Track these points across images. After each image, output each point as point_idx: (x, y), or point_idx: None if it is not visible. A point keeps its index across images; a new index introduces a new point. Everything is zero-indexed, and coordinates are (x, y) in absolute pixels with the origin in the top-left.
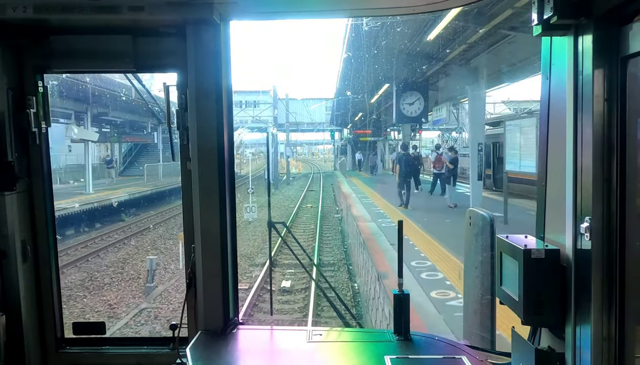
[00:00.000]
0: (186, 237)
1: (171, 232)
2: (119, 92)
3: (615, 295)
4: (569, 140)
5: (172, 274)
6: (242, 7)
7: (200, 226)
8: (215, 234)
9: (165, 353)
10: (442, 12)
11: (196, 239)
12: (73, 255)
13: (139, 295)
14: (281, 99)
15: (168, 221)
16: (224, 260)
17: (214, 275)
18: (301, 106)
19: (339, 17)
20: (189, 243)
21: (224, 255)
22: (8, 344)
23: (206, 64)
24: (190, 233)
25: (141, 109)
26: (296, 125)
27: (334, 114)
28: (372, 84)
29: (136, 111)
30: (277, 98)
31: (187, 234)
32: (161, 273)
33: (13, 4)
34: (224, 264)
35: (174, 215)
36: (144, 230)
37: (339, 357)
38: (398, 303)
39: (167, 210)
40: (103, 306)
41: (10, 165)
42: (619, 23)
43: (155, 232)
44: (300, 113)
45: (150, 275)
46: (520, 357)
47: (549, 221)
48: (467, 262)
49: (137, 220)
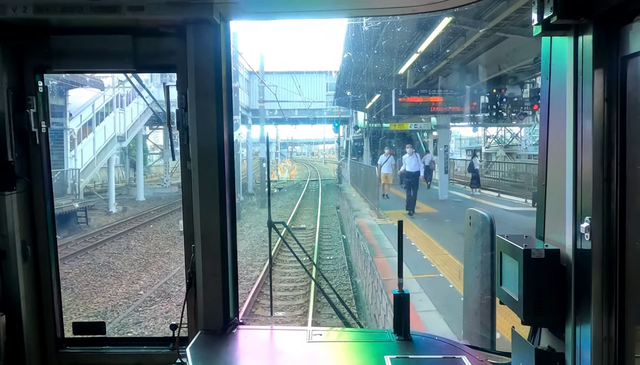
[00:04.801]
0: (186, 237)
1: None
2: None
3: (615, 295)
4: (569, 140)
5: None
6: (242, 7)
7: (200, 226)
8: (215, 234)
9: (165, 353)
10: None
11: (196, 239)
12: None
13: None
14: (254, 73)
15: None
16: (224, 260)
17: (214, 275)
18: (289, 82)
19: (339, 17)
20: (189, 243)
21: (224, 255)
22: (8, 344)
23: (206, 64)
24: (190, 233)
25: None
26: (281, 113)
27: (340, 85)
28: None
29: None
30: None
31: (187, 234)
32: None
33: (13, 4)
34: (224, 264)
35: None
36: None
37: (339, 357)
38: (398, 303)
39: None
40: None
41: (10, 165)
42: (619, 23)
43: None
44: (287, 93)
45: None
46: (520, 357)
47: (549, 221)
48: (467, 262)
49: None
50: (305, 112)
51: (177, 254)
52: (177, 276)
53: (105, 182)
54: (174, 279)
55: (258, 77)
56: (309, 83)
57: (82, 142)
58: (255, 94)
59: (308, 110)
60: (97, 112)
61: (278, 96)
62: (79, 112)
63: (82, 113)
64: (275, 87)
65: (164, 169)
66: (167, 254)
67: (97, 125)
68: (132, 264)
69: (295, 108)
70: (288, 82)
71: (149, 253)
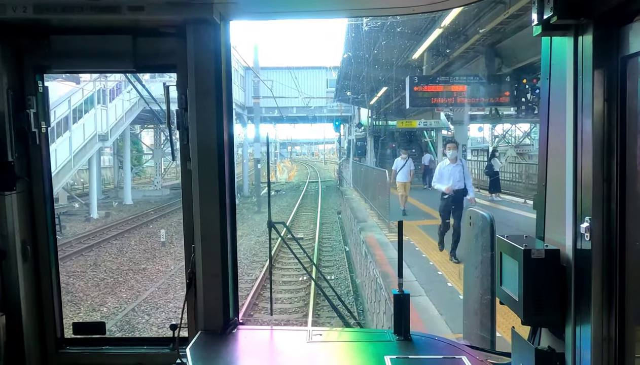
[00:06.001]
0: (186, 237)
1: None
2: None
3: (615, 295)
4: (569, 140)
5: None
6: (242, 7)
7: (200, 226)
8: (215, 234)
9: (165, 353)
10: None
11: (196, 239)
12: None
13: None
14: (249, 68)
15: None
16: (224, 260)
17: (214, 275)
18: (287, 78)
19: (339, 17)
20: (189, 243)
21: (224, 255)
22: (8, 344)
23: (206, 64)
24: (190, 233)
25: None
26: (279, 111)
27: (342, 77)
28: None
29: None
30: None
31: (187, 234)
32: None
33: (13, 4)
34: (224, 264)
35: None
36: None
37: (339, 357)
38: (398, 303)
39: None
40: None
41: (10, 165)
42: (619, 23)
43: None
44: (285, 89)
45: None
46: (520, 357)
47: (549, 221)
48: (467, 262)
49: None
50: (304, 110)
51: (155, 270)
52: (149, 301)
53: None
54: (144, 305)
55: (253, 72)
56: (308, 79)
57: (56, 142)
58: (251, 90)
59: (307, 108)
60: (74, 108)
61: (276, 93)
62: (52, 109)
63: (55, 109)
64: (271, 82)
65: (154, 170)
66: (142, 270)
67: (75, 123)
68: (97, 284)
69: (294, 106)
70: (286, 78)
71: (120, 270)
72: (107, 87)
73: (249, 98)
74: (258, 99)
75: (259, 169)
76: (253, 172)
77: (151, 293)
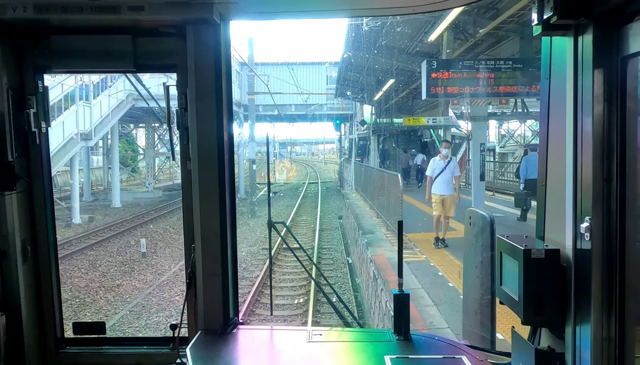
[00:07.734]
0: (186, 237)
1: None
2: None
3: (615, 295)
4: (569, 140)
5: None
6: (242, 7)
7: (200, 226)
8: (215, 234)
9: (165, 353)
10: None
11: (196, 238)
12: None
13: None
14: (246, 64)
15: None
16: (224, 260)
17: (214, 275)
18: (286, 74)
19: (339, 17)
20: (189, 243)
21: (224, 255)
22: (8, 344)
23: (206, 64)
24: (190, 233)
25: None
26: (276, 108)
27: (343, 70)
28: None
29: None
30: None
31: (187, 234)
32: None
33: (13, 4)
34: (224, 263)
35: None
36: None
37: (339, 357)
38: (398, 303)
39: None
40: None
41: (10, 165)
42: (619, 23)
43: None
44: (283, 85)
45: None
46: (520, 357)
47: (549, 221)
48: (467, 262)
49: None
50: (303, 108)
51: (130, 286)
52: (115, 329)
53: (80, 186)
54: (109, 333)
55: (248, 66)
56: (308, 75)
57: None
58: (246, 86)
59: (306, 105)
60: (52, 105)
61: (274, 90)
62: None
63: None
64: (267, 77)
65: (145, 171)
66: (116, 287)
67: (53, 121)
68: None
69: (292, 103)
70: (284, 74)
71: (89, 288)
72: (92, 81)
73: (244, 95)
74: (253, 96)
75: (254, 170)
76: (248, 174)
77: (120, 317)
